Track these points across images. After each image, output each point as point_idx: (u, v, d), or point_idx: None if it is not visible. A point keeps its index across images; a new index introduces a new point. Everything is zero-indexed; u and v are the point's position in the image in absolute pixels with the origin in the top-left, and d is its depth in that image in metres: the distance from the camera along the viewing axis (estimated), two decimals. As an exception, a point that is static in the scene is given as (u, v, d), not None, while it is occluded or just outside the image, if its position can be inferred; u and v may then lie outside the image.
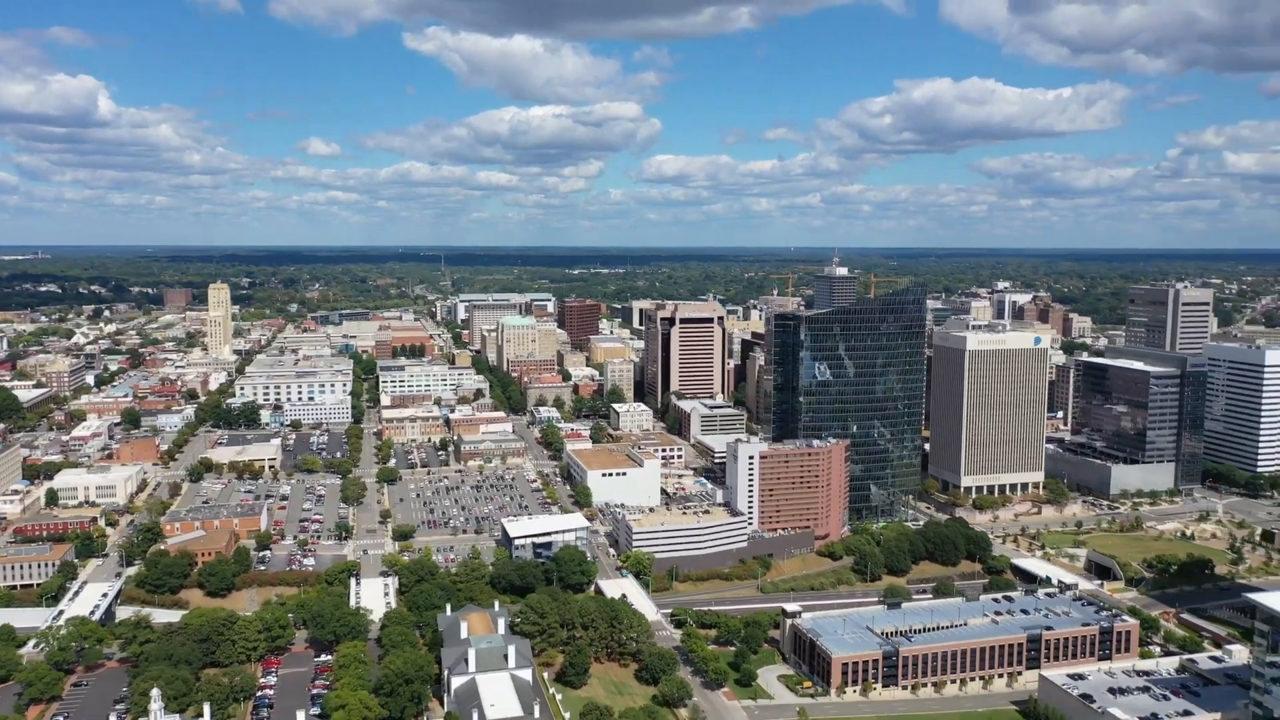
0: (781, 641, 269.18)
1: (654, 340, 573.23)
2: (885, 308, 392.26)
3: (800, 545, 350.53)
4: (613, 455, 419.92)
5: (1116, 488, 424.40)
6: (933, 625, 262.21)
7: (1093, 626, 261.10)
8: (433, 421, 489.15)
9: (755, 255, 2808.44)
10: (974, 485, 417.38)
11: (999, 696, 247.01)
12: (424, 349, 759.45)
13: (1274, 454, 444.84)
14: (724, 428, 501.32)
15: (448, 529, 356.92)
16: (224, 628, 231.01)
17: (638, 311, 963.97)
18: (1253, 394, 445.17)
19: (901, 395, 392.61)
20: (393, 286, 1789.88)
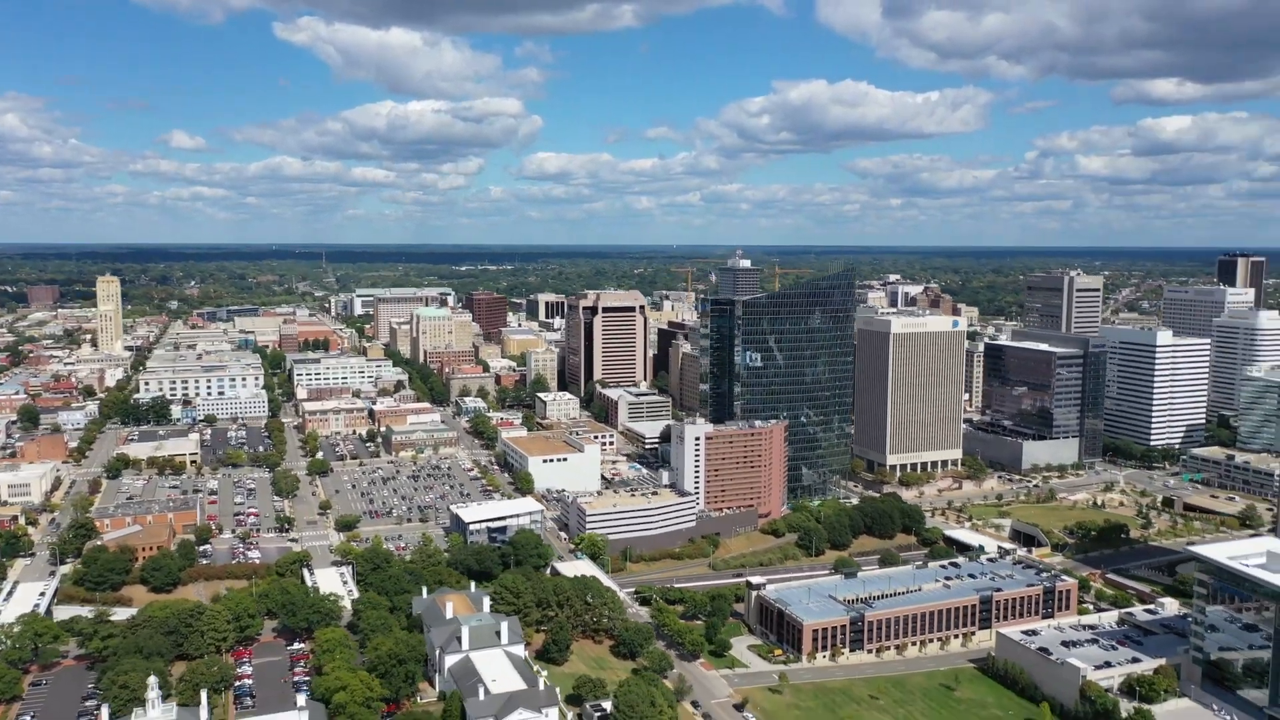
0: (747, 613, 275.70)
1: (576, 330, 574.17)
2: (818, 292, 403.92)
3: (745, 524, 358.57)
4: (550, 442, 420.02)
5: (1027, 463, 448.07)
6: (890, 592, 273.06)
7: (1036, 587, 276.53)
8: (357, 413, 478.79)
9: (639, 253, 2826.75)
10: (899, 463, 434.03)
11: (957, 656, 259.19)
12: (328, 343, 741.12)
13: (1164, 429, 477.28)
14: (651, 415, 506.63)
15: (391, 518, 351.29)
16: (191, 619, 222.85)
17: (543, 305, 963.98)
18: (1145, 373, 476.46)
19: (830, 382, 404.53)
20: (275, 283, 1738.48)
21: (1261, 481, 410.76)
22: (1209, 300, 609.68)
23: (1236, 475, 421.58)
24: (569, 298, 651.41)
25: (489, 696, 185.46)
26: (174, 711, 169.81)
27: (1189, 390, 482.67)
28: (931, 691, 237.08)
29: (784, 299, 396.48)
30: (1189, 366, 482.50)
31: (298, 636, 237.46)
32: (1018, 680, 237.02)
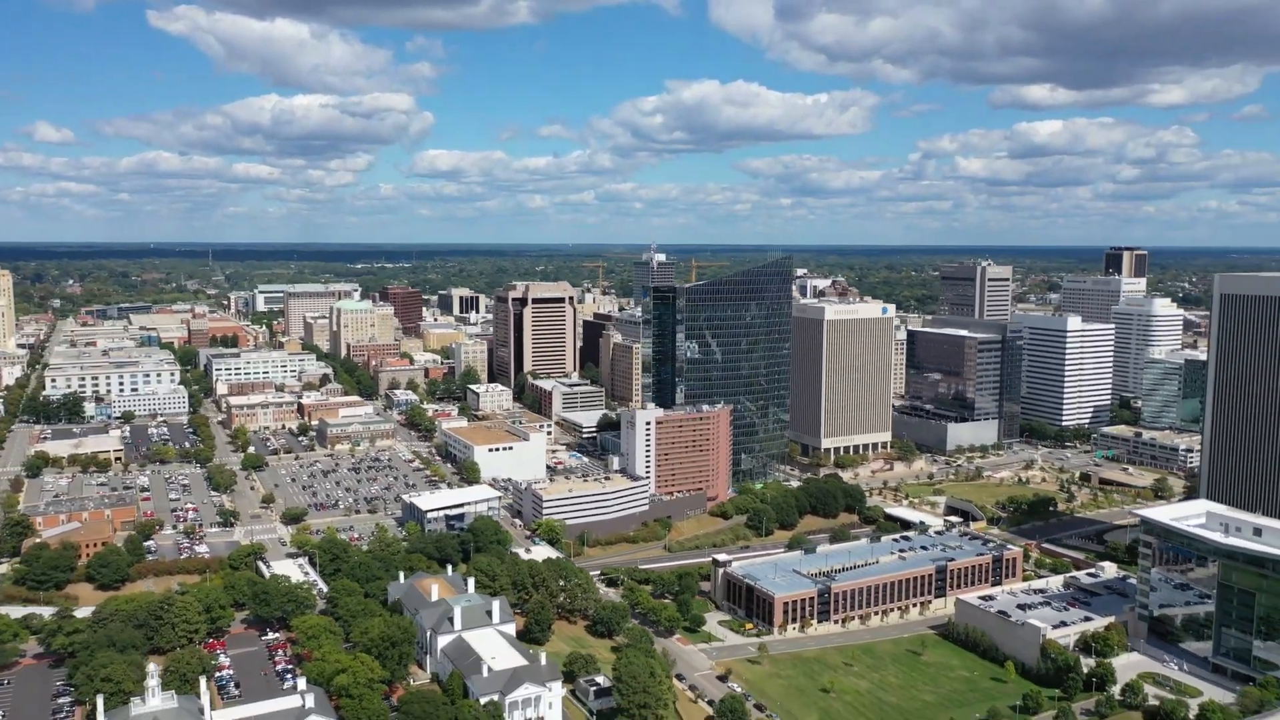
0: (713, 591, 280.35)
1: (505, 321, 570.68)
2: (756, 280, 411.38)
3: (694, 507, 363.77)
4: (493, 431, 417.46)
5: (952, 444, 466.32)
6: (850, 565, 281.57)
7: (986, 556, 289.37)
8: (286, 408, 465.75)
9: (536, 251, 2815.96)
10: (833, 446, 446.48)
11: (917, 623, 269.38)
12: (237, 339, 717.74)
13: (1075, 409, 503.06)
14: (585, 405, 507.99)
15: (338, 510, 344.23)
16: (161, 611, 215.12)
17: (457, 299, 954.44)
18: (1057, 357, 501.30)
19: (768, 368, 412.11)
20: (162, 281, 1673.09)
21: (1167, 456, 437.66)
22: (1106, 289, 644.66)
23: (1144, 451, 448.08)
24: (498, 289, 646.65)
25: (493, 673, 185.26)
26: (175, 699, 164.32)
27: (1096, 373, 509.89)
28: (900, 657, 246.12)
29: (725, 287, 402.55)
30: (1095, 350, 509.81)
31: (270, 627, 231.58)
32: (979, 643, 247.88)
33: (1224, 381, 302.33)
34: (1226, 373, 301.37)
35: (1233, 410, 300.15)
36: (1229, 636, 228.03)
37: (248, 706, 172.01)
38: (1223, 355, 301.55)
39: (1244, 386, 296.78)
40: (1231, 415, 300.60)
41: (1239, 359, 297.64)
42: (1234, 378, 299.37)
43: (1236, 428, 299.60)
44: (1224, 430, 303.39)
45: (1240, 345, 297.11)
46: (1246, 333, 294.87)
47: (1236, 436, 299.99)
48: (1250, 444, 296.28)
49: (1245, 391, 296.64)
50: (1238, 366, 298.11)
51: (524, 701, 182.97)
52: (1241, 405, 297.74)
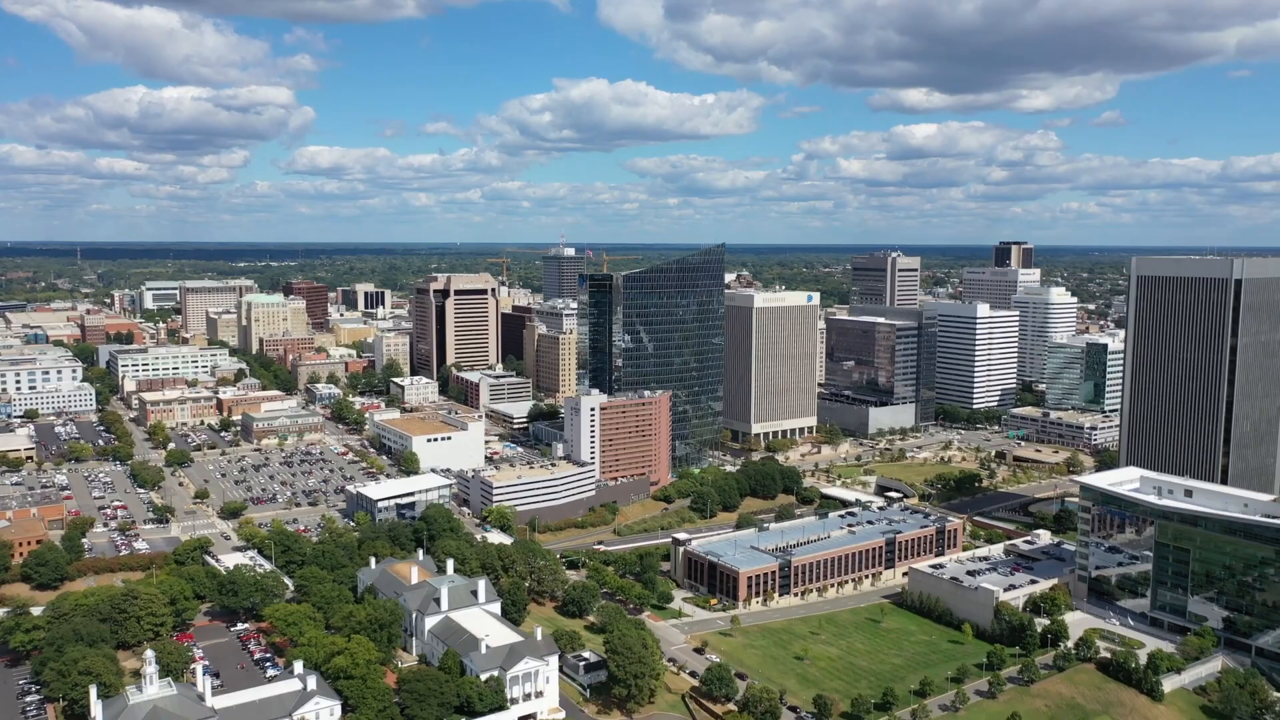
0: (674, 569, 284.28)
1: (426, 313, 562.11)
2: (691, 268, 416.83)
3: (638, 492, 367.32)
4: (429, 422, 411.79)
5: (873, 427, 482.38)
6: (804, 540, 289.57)
7: (930, 528, 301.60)
8: (205, 403, 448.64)
9: (424, 250, 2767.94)
10: (762, 431, 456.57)
11: (872, 593, 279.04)
12: (133, 336, 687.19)
13: (984, 393, 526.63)
14: (513, 396, 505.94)
15: (278, 504, 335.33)
16: (125, 605, 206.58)
17: (362, 295, 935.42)
18: (967, 344, 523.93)
19: (702, 354, 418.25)
20: (29, 280, 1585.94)
21: (1074, 434, 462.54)
22: (1003, 280, 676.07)
23: (1052, 430, 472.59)
24: (419, 281, 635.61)
25: (491, 650, 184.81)
26: (173, 687, 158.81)
27: (1003, 358, 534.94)
28: (861, 625, 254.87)
29: (662, 275, 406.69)
30: (1002, 336, 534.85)
31: (238, 618, 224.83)
32: (933, 609, 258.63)
33: (1141, 357, 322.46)
34: (1143, 348, 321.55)
35: (1149, 383, 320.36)
36: (1165, 592, 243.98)
37: (246, 692, 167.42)
38: (1140, 332, 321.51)
39: (1159, 361, 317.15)
40: (1148, 388, 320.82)
41: (1154, 335, 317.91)
42: (1150, 353, 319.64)
43: (1152, 399, 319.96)
44: (1141, 402, 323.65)
45: (1155, 322, 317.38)
46: (1161, 311, 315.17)
47: (1152, 408, 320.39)
48: (1165, 414, 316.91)
49: (1160, 366, 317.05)
50: (1153, 342, 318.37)
51: (524, 676, 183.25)
52: (1157, 378, 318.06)
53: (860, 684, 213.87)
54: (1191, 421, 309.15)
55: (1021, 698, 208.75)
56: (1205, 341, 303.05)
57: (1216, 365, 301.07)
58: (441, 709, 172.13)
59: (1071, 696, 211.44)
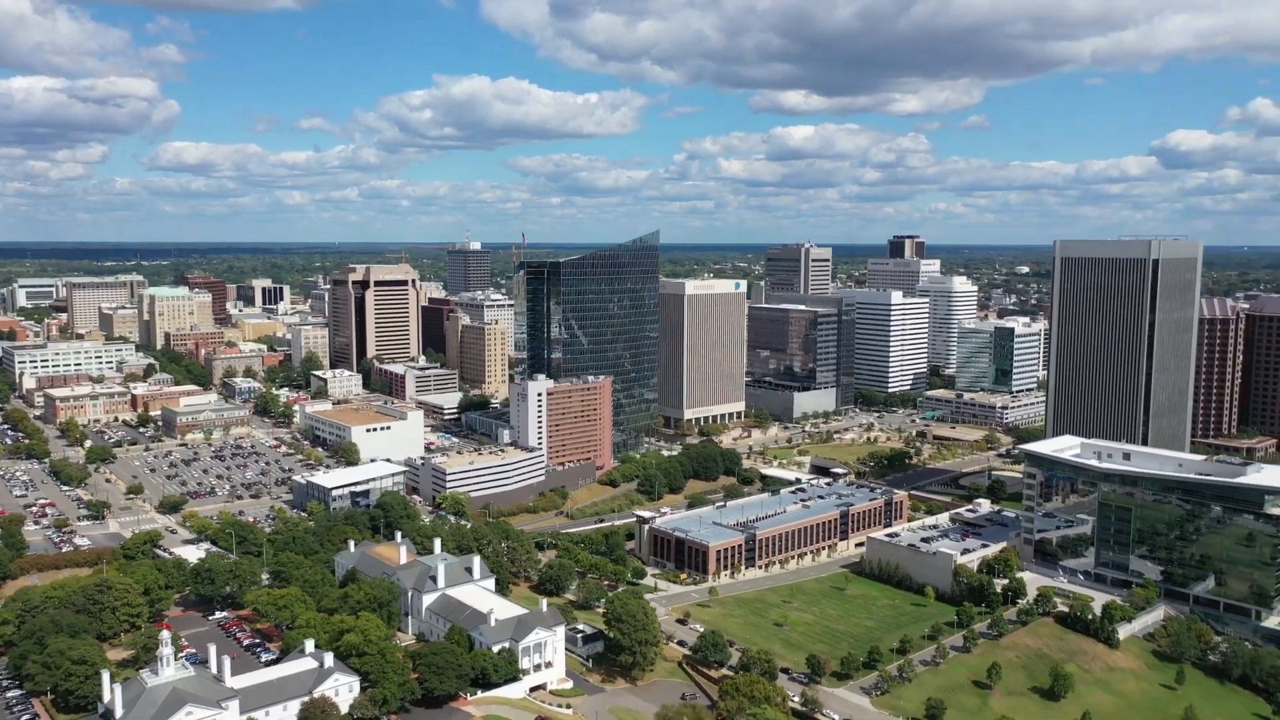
0: (639, 547, 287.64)
1: (344, 306, 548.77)
2: (627, 254, 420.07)
3: (585, 476, 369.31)
4: (364, 413, 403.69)
5: (798, 411, 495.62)
6: (762, 515, 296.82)
7: (879, 500, 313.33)
8: (119, 399, 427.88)
9: (300, 249, 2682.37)
10: (695, 417, 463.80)
11: (831, 564, 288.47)
12: (15, 333, 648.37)
13: (899, 377, 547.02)
14: (439, 387, 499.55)
15: (218, 497, 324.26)
16: (99, 595, 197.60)
17: (260, 290, 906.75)
18: (883, 330, 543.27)
19: (636, 345, 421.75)
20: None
21: (986, 414, 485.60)
22: (906, 270, 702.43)
23: (965, 411, 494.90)
24: (335, 273, 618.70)
25: (500, 622, 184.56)
26: (189, 668, 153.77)
27: (915, 343, 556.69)
28: (827, 593, 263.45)
29: (599, 262, 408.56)
30: (914, 322, 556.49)
31: (212, 606, 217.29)
32: (893, 575, 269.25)
33: (1065, 334, 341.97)
34: (1067, 326, 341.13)
35: (1073, 358, 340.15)
36: (1108, 549, 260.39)
37: (261, 672, 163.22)
38: (1064, 311, 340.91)
39: (1082, 338, 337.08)
40: (1072, 362, 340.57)
41: (1077, 313, 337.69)
42: (1073, 330, 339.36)
43: (1076, 373, 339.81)
44: (1066, 376, 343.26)
45: (1078, 301, 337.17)
46: (1083, 290, 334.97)
47: (1076, 381, 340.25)
48: (1088, 387, 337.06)
49: (1083, 342, 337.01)
50: (1076, 320, 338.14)
51: (534, 647, 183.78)
52: (1080, 353, 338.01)
53: (841, 646, 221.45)
54: (1114, 393, 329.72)
55: (993, 651, 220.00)
56: (1126, 319, 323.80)
57: (1137, 341, 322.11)
58: (459, 681, 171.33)
59: (1038, 647, 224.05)
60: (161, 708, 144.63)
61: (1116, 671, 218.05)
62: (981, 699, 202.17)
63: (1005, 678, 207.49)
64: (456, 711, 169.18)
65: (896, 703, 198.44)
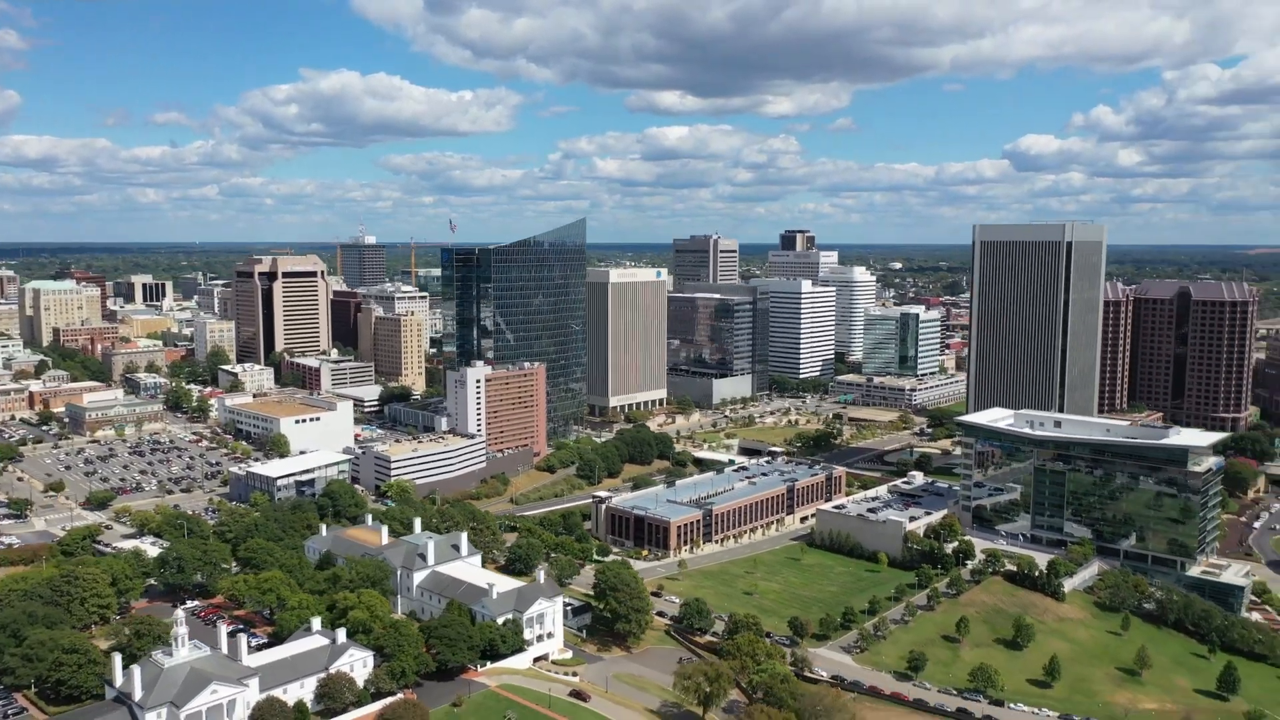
0: (596, 527, 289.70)
1: (250, 298, 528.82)
2: (555, 244, 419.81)
3: (524, 463, 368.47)
4: (290, 404, 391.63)
5: (717, 397, 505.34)
6: (714, 492, 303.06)
7: (819, 476, 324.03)
8: (14, 396, 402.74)
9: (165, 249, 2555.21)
10: (620, 404, 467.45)
11: (782, 536, 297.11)
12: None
13: (809, 363, 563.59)
14: (355, 380, 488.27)
15: (145, 492, 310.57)
16: (67, 587, 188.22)
17: (140, 287, 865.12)
18: (794, 318, 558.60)
19: (565, 331, 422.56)
20: None
21: (895, 396, 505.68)
22: (806, 261, 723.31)
23: (875, 394, 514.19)
24: (238, 264, 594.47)
25: (502, 595, 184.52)
26: (205, 648, 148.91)
27: (824, 330, 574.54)
28: (785, 563, 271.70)
29: (528, 249, 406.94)
30: (822, 310, 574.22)
31: (177, 596, 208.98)
32: (844, 545, 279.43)
33: (985, 313, 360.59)
34: (987, 305, 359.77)
35: (992, 335, 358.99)
36: (1044, 512, 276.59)
37: (274, 650, 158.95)
38: (984, 291, 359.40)
39: (1001, 316, 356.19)
40: (991, 339, 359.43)
41: (996, 294, 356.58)
42: (992, 309, 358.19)
43: (995, 350, 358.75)
44: (985, 352, 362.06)
45: (997, 282, 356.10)
46: (1002, 272, 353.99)
47: (995, 357, 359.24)
48: (1007, 362, 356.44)
49: (1002, 320, 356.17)
50: (995, 300, 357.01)
51: (537, 618, 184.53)
52: (999, 331, 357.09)
53: (812, 610, 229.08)
54: (1031, 368, 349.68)
55: (954, 608, 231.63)
56: (1043, 298, 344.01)
57: (1053, 319, 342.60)
58: (470, 652, 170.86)
59: (994, 603, 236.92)
60: (184, 686, 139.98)
61: (1067, 622, 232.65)
62: (953, 651, 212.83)
63: (971, 631, 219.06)
64: (470, 683, 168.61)
65: (877, 658, 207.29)
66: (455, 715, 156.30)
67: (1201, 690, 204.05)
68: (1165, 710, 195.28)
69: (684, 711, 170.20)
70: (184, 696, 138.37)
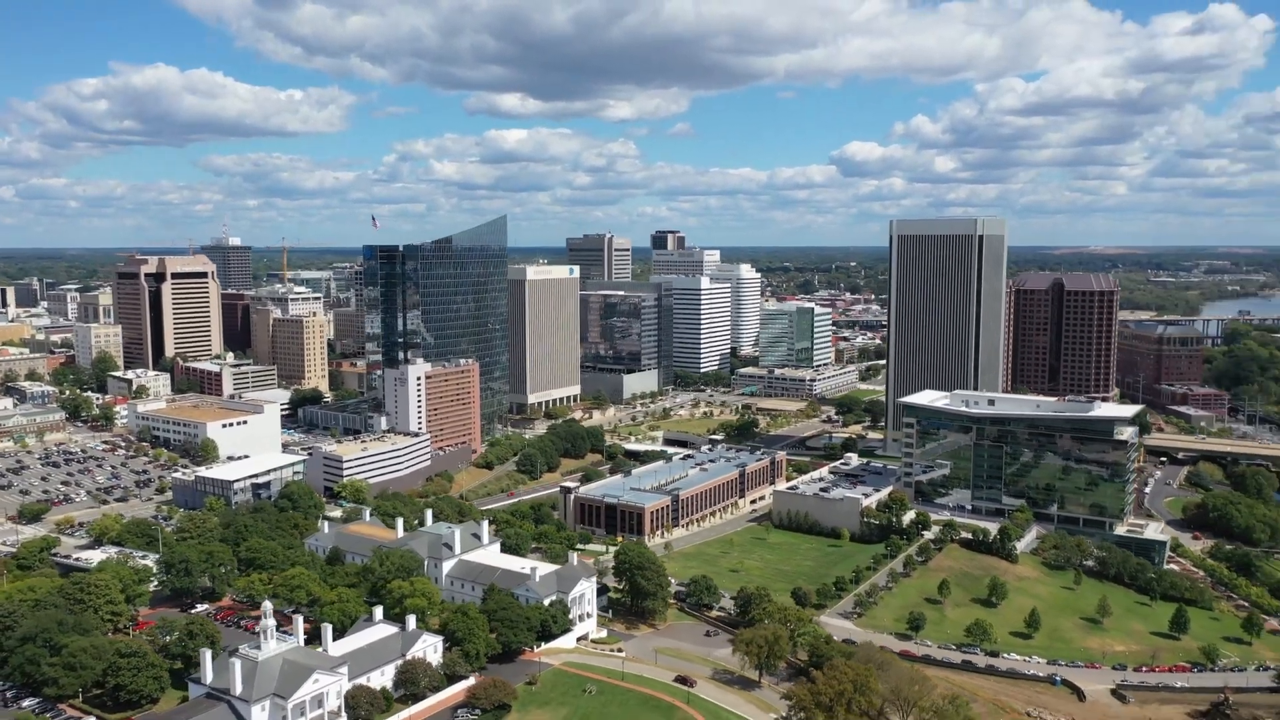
0: (564, 516, 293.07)
1: (136, 301, 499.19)
2: (476, 242, 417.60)
3: (464, 460, 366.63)
4: (207, 409, 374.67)
5: (627, 392, 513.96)
6: (670, 479, 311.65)
7: (765, 461, 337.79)
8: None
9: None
10: (538, 401, 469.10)
11: (739, 519, 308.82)
12: None
13: (709, 357, 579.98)
14: (258, 384, 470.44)
15: (78, 504, 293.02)
16: (80, 594, 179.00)
17: None
18: (695, 314, 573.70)
19: (487, 329, 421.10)
20: None
21: (797, 387, 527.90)
22: (690, 260, 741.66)
23: (777, 385, 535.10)
24: (118, 265, 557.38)
25: (544, 578, 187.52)
26: (291, 639, 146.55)
27: (721, 325, 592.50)
28: (753, 543, 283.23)
29: (450, 247, 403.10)
30: (719, 306, 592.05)
31: (182, 601, 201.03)
32: (803, 523, 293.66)
33: (903, 303, 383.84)
34: (903, 295, 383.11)
35: (909, 323, 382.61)
36: (983, 486, 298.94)
37: (349, 640, 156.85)
38: (901, 283, 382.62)
39: (917, 306, 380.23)
40: (909, 328, 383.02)
41: (912, 284, 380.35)
42: (909, 298, 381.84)
43: (913, 338, 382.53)
44: (904, 340, 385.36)
45: (913, 274, 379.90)
46: (918, 264, 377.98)
47: (911, 342, 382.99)
48: (924, 349, 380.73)
49: (918, 310, 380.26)
50: (911, 289, 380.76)
51: (579, 598, 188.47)
52: (916, 320, 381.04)
53: (798, 582, 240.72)
54: (946, 354, 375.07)
55: (928, 573, 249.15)
56: (957, 287, 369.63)
57: (967, 306, 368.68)
58: (529, 634, 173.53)
59: (959, 567, 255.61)
60: (284, 678, 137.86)
61: (1025, 580, 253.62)
62: (939, 611, 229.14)
63: (951, 593, 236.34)
64: (531, 663, 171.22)
65: (876, 622, 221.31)
66: (534, 693, 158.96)
67: (1156, 632, 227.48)
68: (1134, 651, 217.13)
69: (736, 677, 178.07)
70: (287, 688, 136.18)
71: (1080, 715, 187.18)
